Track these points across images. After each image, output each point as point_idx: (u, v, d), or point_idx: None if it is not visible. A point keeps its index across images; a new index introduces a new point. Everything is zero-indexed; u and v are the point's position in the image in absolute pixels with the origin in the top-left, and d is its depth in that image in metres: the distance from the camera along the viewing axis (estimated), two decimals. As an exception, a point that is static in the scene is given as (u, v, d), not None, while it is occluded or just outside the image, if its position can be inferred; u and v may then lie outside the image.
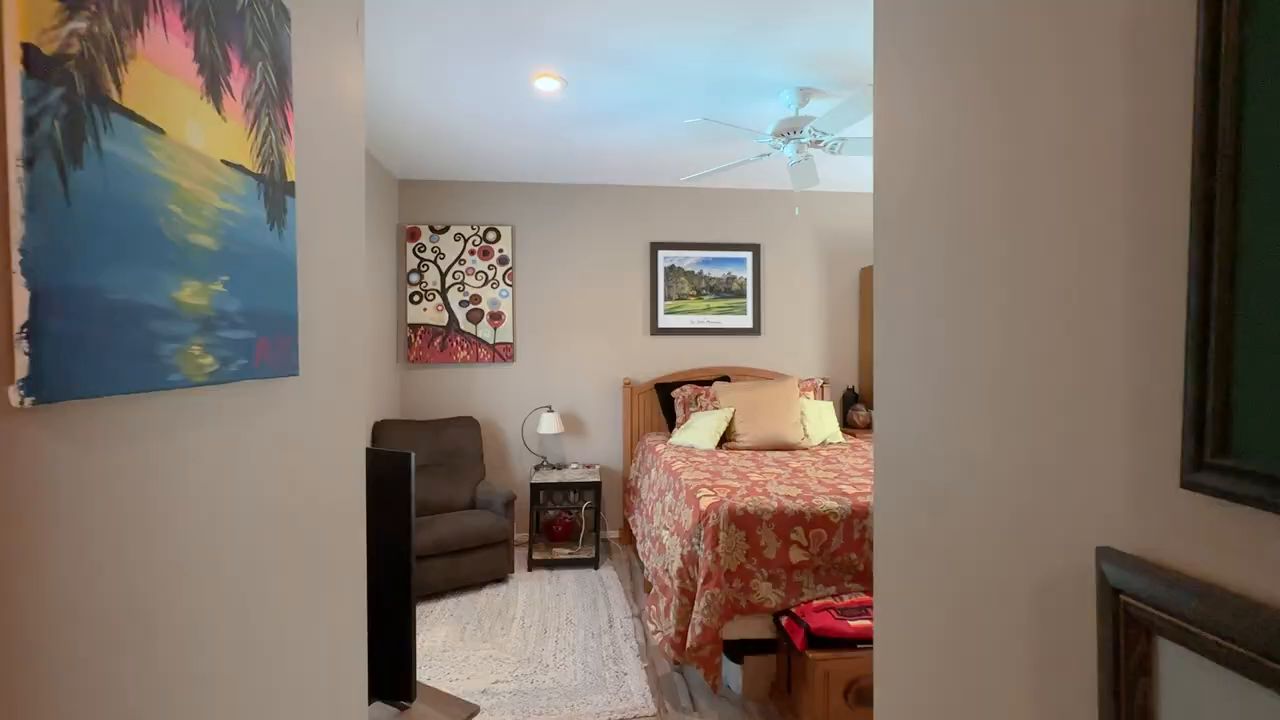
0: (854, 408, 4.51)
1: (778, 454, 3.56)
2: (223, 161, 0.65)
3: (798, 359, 4.64)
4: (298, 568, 0.84)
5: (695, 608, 2.30)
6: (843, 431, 4.27)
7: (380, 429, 3.76)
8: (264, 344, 0.72)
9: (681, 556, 2.44)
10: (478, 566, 3.46)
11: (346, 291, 1.01)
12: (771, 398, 3.83)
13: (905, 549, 0.89)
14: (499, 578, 3.59)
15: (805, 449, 3.73)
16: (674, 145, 3.61)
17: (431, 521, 3.44)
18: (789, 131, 2.81)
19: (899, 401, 0.90)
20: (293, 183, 0.80)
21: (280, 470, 0.79)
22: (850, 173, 4.16)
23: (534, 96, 2.92)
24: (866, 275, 4.59)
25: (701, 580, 2.31)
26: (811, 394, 4.25)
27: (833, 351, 4.69)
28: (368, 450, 1.39)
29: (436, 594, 3.39)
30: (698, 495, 2.56)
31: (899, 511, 0.92)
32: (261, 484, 0.74)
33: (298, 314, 0.81)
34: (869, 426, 4.42)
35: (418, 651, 2.78)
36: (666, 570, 2.57)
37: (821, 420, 3.97)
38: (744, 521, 2.36)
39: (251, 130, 0.70)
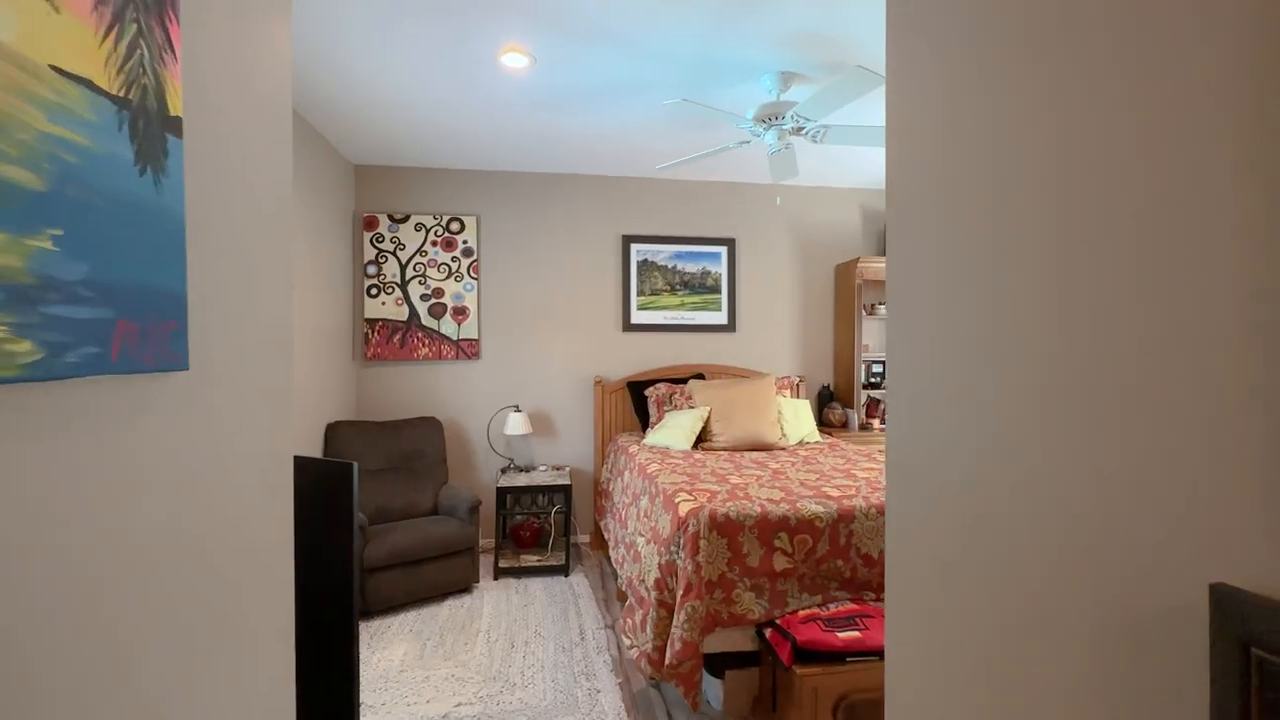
0: (829, 406, 4.43)
1: (755, 454, 3.44)
2: (53, 68, 0.46)
3: (772, 356, 4.54)
4: (190, 617, 0.65)
5: (674, 621, 2.15)
6: (819, 430, 4.18)
7: (333, 431, 3.51)
8: (128, 328, 0.54)
9: (659, 566, 2.29)
10: (440, 577, 3.25)
11: (267, 268, 0.82)
12: (748, 396, 3.71)
13: (926, 570, 0.76)
14: (463, 588, 3.39)
15: (783, 449, 3.62)
16: (649, 132, 3.45)
17: (390, 529, 3.21)
18: (771, 116, 2.68)
19: (920, 399, 0.77)
20: (178, 118, 0.61)
21: (156, 496, 0.60)
22: (829, 164, 4.07)
23: (500, 73, 2.72)
24: (842, 271, 4.51)
25: (681, 592, 2.16)
26: (788, 392, 4.15)
27: (807, 349, 4.61)
28: (302, 461, 1.20)
29: (394, 607, 3.17)
30: (676, 500, 2.41)
31: (918, 527, 0.79)
32: (125, 515, 0.56)
33: (186, 292, 0.62)
34: (845, 425, 4.36)
35: (374, 672, 2.57)
36: (643, 581, 2.41)
37: (799, 419, 3.87)
38: (726, 528, 2.22)
39: (107, 36, 0.52)
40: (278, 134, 0.85)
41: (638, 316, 4.35)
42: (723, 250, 4.45)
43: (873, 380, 4.59)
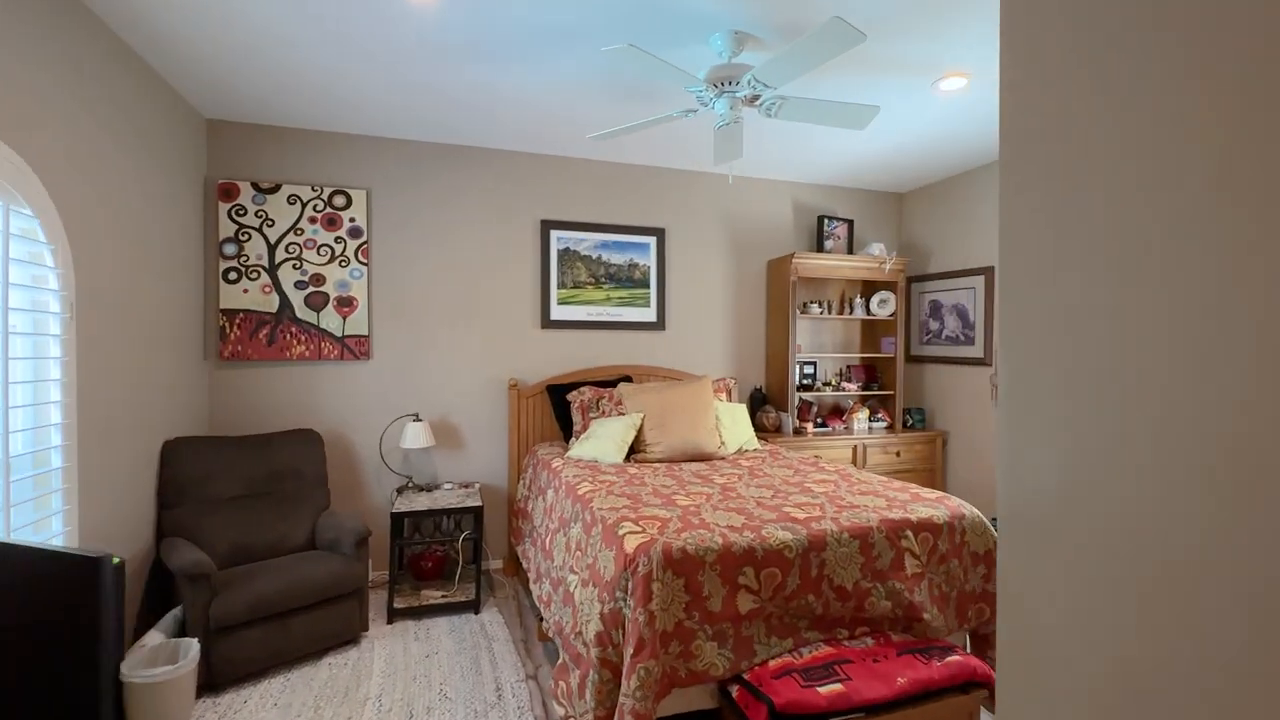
0: (763, 409, 4.18)
1: (695, 466, 3.09)
2: None
3: (703, 357, 4.23)
4: None
5: (624, 688, 1.72)
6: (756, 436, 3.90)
7: (172, 450, 2.76)
8: None
9: (601, 616, 1.85)
10: (317, 628, 2.63)
11: None
12: (685, 401, 3.35)
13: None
14: (348, 639, 2.77)
15: (723, 458, 3.30)
16: (576, 99, 3.00)
17: (249, 573, 2.55)
18: (724, 80, 2.33)
19: (1060, 418, 0.58)
20: None
21: None
22: (761, 154, 3.81)
23: (400, 6, 2.17)
24: (774, 267, 4.28)
25: (631, 650, 1.74)
26: (724, 396, 3.85)
27: (739, 349, 4.34)
28: (11, 551, 0.67)
29: (254, 674, 2.51)
30: (619, 532, 1.99)
31: (1075, 628, 0.55)
32: None
33: None
34: (778, 429, 4.13)
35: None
36: (579, 633, 1.97)
37: (737, 425, 3.57)
38: (683, 566, 1.83)
39: None
40: None
41: (558, 312, 3.88)
42: (651, 241, 4.08)
43: (804, 382, 4.41)
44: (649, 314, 4.07)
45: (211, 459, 2.86)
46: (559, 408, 3.62)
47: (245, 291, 3.27)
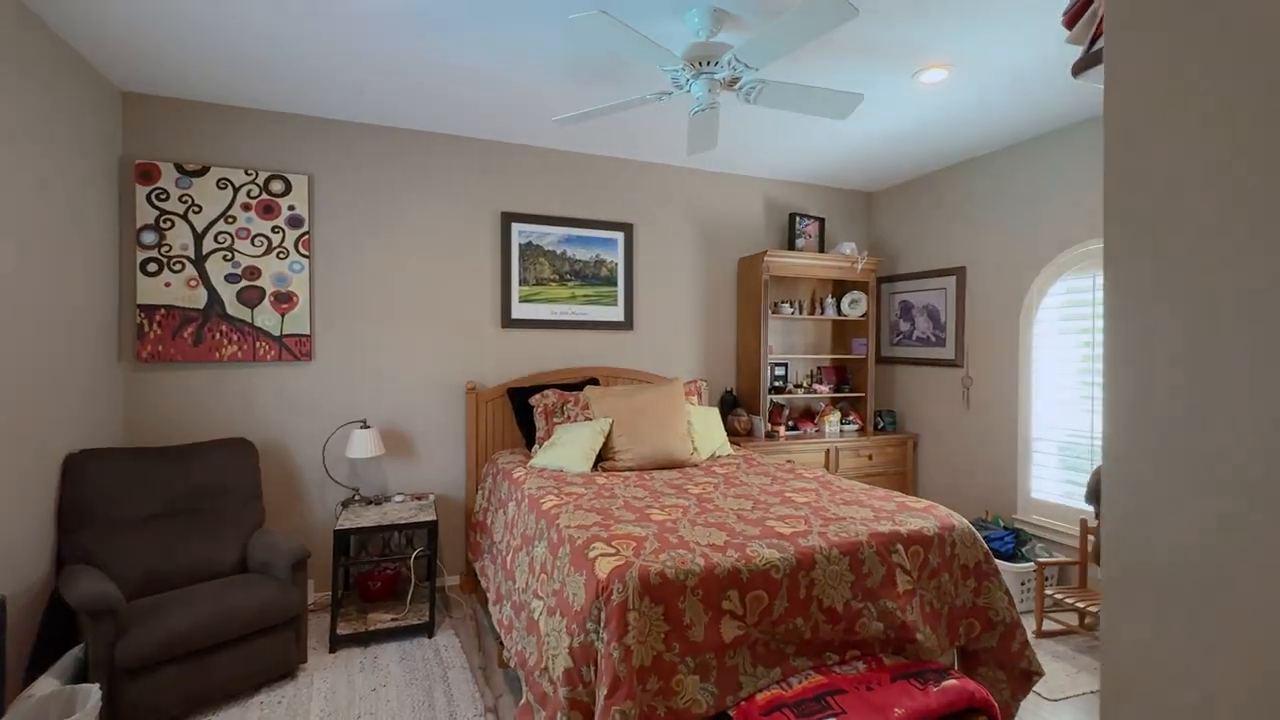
0: (734, 412, 4.04)
1: (667, 474, 2.91)
2: None
3: (673, 358, 4.06)
4: None
5: (596, 734, 1.53)
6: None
7: (77, 465, 2.43)
8: None
9: (570, 650, 1.65)
10: (246, 664, 2.34)
11: None
12: (656, 405, 3.17)
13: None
14: (283, 674, 2.48)
15: (695, 465, 3.13)
16: (539, 81, 2.78)
17: (165, 604, 2.24)
18: (703, 60, 2.15)
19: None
20: None
21: None
22: (732, 148, 3.66)
23: (336, -43, 1.92)
24: (745, 265, 4.14)
25: (605, 691, 1.54)
26: (695, 399, 3.68)
27: (709, 349, 4.18)
28: None
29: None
30: (590, 555, 1.79)
31: None
32: None
33: None
34: (750, 433, 3.99)
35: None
36: (545, 669, 1.76)
37: (709, 430, 3.40)
38: (662, 592, 1.64)
39: None
40: None
41: (519, 310, 3.65)
42: (619, 236, 3.88)
43: (776, 384, 4.29)
44: (616, 313, 3.88)
45: (124, 474, 2.53)
46: (521, 412, 3.39)
47: (167, 285, 2.94)
